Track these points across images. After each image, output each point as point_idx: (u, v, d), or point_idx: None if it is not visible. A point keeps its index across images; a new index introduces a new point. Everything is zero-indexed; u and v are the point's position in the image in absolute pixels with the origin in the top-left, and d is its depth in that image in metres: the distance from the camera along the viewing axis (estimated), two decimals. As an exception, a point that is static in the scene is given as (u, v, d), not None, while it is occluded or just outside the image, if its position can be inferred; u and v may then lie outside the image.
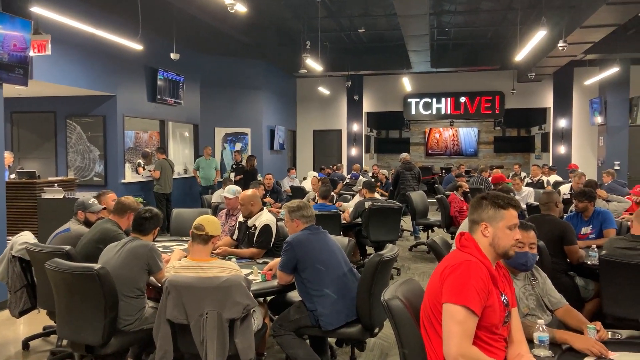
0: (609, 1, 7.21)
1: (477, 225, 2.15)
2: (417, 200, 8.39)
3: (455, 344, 1.93)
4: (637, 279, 3.17)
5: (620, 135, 13.19)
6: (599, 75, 12.84)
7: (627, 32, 10.71)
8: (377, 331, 3.33)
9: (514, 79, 14.62)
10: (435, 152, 19.62)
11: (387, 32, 11.84)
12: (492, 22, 11.42)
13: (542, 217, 4.36)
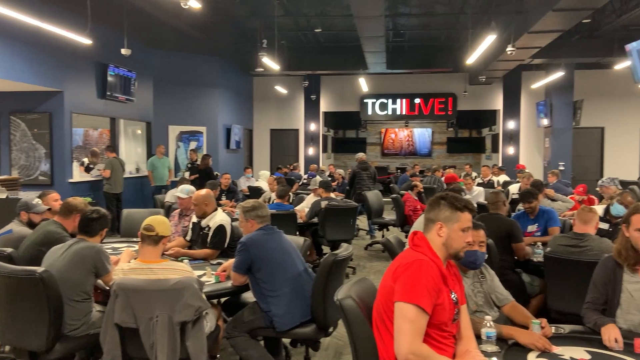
0: (555, 8, 7.51)
1: (432, 224, 2.18)
2: (373, 200, 8.49)
3: (406, 341, 1.95)
4: (580, 275, 3.30)
5: (565, 137, 13.77)
6: (545, 79, 13.38)
7: (572, 38, 11.20)
8: (331, 330, 3.35)
9: (466, 82, 15.03)
10: (391, 152, 19.91)
11: (344, 32, 11.91)
12: (445, 25, 11.69)
13: (490, 215, 4.50)
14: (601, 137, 14.88)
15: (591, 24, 10.26)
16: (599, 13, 9.55)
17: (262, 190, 8.95)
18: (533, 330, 2.41)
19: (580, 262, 3.52)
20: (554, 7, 7.49)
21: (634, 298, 2.52)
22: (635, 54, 8.71)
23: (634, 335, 2.35)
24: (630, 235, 2.57)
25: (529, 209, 5.05)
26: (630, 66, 9.06)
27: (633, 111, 14.35)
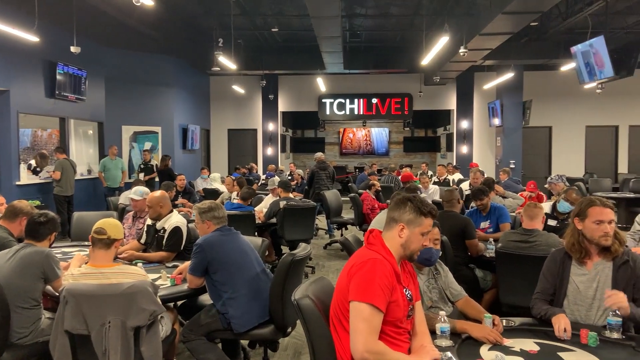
0: (505, 11, 7.76)
1: (394, 224, 2.20)
2: (332, 199, 8.54)
3: (362, 340, 1.97)
4: (529, 270, 3.43)
5: (515, 136, 14.25)
6: (496, 80, 13.80)
7: (521, 40, 11.60)
8: (290, 330, 3.34)
9: (421, 82, 15.33)
10: (349, 151, 20.07)
11: (301, 32, 11.92)
12: (400, 26, 11.88)
13: (445, 213, 4.61)
14: (549, 135, 15.50)
15: (539, 27, 10.66)
16: (546, 16, 9.93)
17: (218, 191, 8.85)
18: (485, 324, 2.48)
19: (529, 257, 3.64)
20: (503, 10, 7.74)
21: (580, 290, 2.63)
22: (579, 56, 9.12)
23: (581, 326, 2.46)
24: (585, 227, 2.62)
25: (480, 206, 5.21)
26: (575, 68, 9.49)
27: (578, 111, 15.01)
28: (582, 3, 8.71)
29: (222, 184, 9.58)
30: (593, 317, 2.59)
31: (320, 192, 8.89)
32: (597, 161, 15.26)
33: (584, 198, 2.83)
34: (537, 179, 10.45)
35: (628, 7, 9.94)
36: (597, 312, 2.58)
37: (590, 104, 14.66)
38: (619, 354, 2.22)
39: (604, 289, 2.56)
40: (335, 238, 8.86)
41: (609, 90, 10.90)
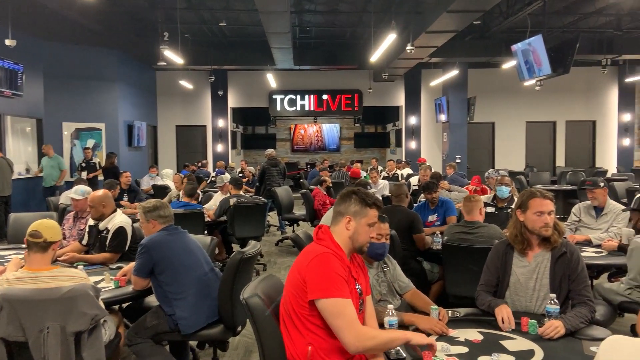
0: (449, 9, 7.96)
1: (341, 217, 2.21)
2: (283, 196, 8.51)
3: (348, 335, 1.99)
4: (472, 261, 3.53)
5: (461, 132, 14.68)
6: (442, 77, 14.15)
7: (465, 39, 11.93)
8: (240, 329, 3.30)
9: (371, 79, 15.51)
10: (300, 147, 20.07)
11: (250, 27, 11.79)
12: (349, 23, 11.97)
13: (393, 207, 4.68)
14: (492, 131, 16.07)
15: (481, 26, 11.01)
16: (488, 15, 10.26)
17: (167, 189, 8.63)
18: (432, 316, 2.54)
19: (473, 249, 3.75)
20: (448, 8, 7.94)
21: (521, 282, 2.73)
22: (520, 54, 9.49)
23: (521, 314, 2.56)
24: (527, 219, 2.71)
25: (431, 198, 5.34)
26: (515, 65, 9.86)
27: (519, 107, 15.63)
28: (522, 3, 9.05)
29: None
30: (533, 307, 2.69)
31: (271, 188, 8.84)
32: (537, 155, 15.97)
33: (525, 190, 2.94)
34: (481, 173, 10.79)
35: (565, 7, 10.44)
36: (536, 302, 2.68)
37: (530, 101, 15.30)
38: (557, 340, 2.32)
39: (543, 280, 2.67)
40: (287, 234, 8.84)
41: (547, 87, 11.42)
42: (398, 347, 2.17)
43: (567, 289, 2.62)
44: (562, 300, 2.59)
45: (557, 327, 2.34)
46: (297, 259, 2.21)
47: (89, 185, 5.94)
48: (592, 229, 4.63)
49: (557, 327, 2.34)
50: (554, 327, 2.34)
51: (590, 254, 4.08)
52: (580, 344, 2.28)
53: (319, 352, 2.06)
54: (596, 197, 4.67)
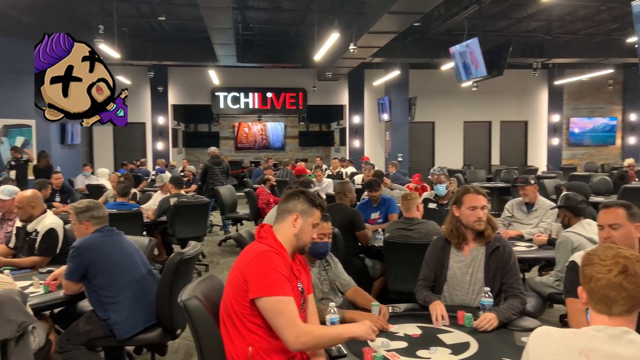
0: (390, 10, 8.11)
1: (288, 215, 2.21)
2: (226, 195, 8.38)
3: (291, 332, 1.99)
4: (412, 257, 3.61)
5: (402, 131, 15.01)
6: (384, 77, 14.42)
7: (406, 40, 12.21)
8: (179, 332, 3.22)
9: (315, 77, 15.56)
10: (244, 146, 19.84)
11: (191, 22, 11.51)
12: (293, 21, 11.95)
13: (336, 205, 4.72)
14: (432, 130, 16.56)
15: (421, 28, 11.29)
16: (428, 18, 10.54)
17: (103, 188, 8.29)
18: (372, 312, 2.57)
19: (413, 245, 3.84)
20: (389, 9, 8.08)
21: (457, 275, 2.82)
22: (457, 56, 9.82)
23: (457, 308, 2.64)
24: (462, 214, 2.80)
25: (373, 197, 5.42)
26: (454, 67, 10.20)
27: (457, 107, 16.17)
28: (459, 7, 9.35)
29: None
30: (469, 300, 2.78)
31: (214, 187, 8.68)
32: (474, 154, 16.60)
33: (461, 187, 3.04)
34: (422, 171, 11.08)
35: (499, 12, 10.89)
36: (472, 295, 2.78)
37: (467, 101, 15.86)
38: (491, 331, 2.41)
39: (478, 274, 2.77)
40: (231, 234, 8.72)
41: (483, 88, 11.88)
42: (339, 345, 2.18)
43: (500, 282, 2.73)
44: (496, 293, 2.69)
45: (491, 319, 2.43)
46: (238, 258, 2.18)
47: (18, 185, 5.61)
48: (524, 224, 4.86)
49: (491, 320, 2.43)
50: (487, 320, 2.43)
51: (522, 248, 4.28)
52: (512, 334, 2.38)
53: (259, 352, 2.04)
54: (527, 194, 4.90)
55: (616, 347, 1.40)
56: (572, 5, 10.18)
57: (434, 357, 2.13)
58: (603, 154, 17.18)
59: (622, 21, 10.92)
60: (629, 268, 1.46)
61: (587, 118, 17.10)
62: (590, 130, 17.14)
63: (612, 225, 2.56)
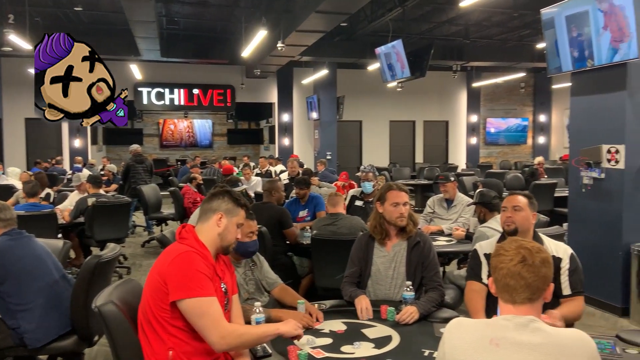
0: (318, 10, 8.17)
1: (212, 214, 2.17)
2: (149, 194, 8.10)
3: (215, 333, 1.95)
4: (338, 253, 3.66)
5: (331, 129, 15.19)
6: (313, 76, 14.52)
7: (334, 39, 12.36)
8: (97, 339, 3.06)
9: (243, 74, 15.37)
10: (170, 143, 19.23)
11: (111, 14, 10.98)
12: (220, 17, 11.72)
13: (263, 204, 4.69)
14: (359, 129, 16.89)
15: (348, 28, 11.48)
16: (354, 18, 10.73)
17: (13, 189, 7.72)
18: (298, 310, 2.58)
19: (338, 241, 3.90)
20: (316, 9, 8.14)
21: (381, 270, 2.90)
22: (383, 57, 10.08)
23: (381, 302, 2.70)
24: (385, 210, 2.88)
25: (300, 195, 5.44)
26: (379, 68, 10.46)
27: (383, 107, 16.59)
28: (384, 9, 9.60)
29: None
30: (392, 294, 2.87)
31: (136, 186, 8.35)
32: (399, 152, 17.14)
33: (384, 184, 3.13)
34: (350, 169, 11.28)
35: (421, 15, 11.29)
36: (394, 289, 2.86)
37: (393, 101, 16.31)
38: (412, 324, 2.49)
39: (400, 268, 2.86)
40: (154, 235, 8.42)
41: (407, 89, 12.28)
42: (264, 344, 2.17)
43: (421, 276, 2.83)
44: (417, 286, 2.79)
45: (412, 312, 2.52)
46: (157, 260, 2.12)
47: None
48: (444, 220, 5.08)
49: (412, 313, 2.52)
50: (409, 313, 2.51)
51: (442, 242, 4.47)
52: (432, 326, 2.48)
53: (180, 356, 1.99)
54: (447, 190, 5.13)
55: (524, 335, 1.49)
56: (487, 12, 10.75)
57: (358, 352, 2.17)
58: (516, 153, 18.33)
59: (532, 28, 11.68)
60: (528, 258, 1.56)
61: (502, 119, 18.17)
62: (504, 130, 18.23)
63: (515, 207, 2.79)
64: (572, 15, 4.87)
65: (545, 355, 1.44)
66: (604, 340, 2.28)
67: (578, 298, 2.59)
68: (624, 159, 4.58)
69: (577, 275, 2.62)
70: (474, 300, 2.62)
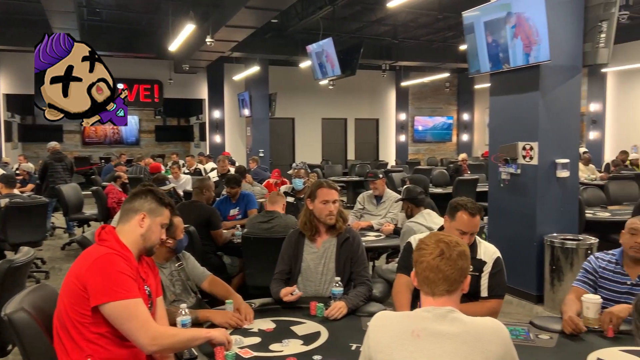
0: (247, 5, 8.07)
1: (134, 214, 2.09)
2: (70, 194, 7.68)
3: (144, 335, 1.89)
4: (269, 251, 3.64)
5: (263, 126, 15.08)
6: (244, 72, 14.35)
7: (266, 36, 12.27)
8: (10, 348, 2.87)
9: (171, 69, 14.92)
10: (93, 140, 18.30)
11: (27, 3, 10.27)
12: (145, 9, 11.28)
13: (191, 203, 4.59)
14: (292, 126, 16.91)
15: (280, 25, 11.44)
16: (285, 15, 10.71)
17: None
18: (227, 309, 2.54)
19: (270, 239, 3.88)
20: (246, 4, 8.04)
21: (311, 267, 2.91)
22: (314, 55, 10.14)
23: (310, 299, 2.72)
24: (315, 207, 2.90)
25: (232, 193, 5.36)
26: (311, 65, 10.51)
27: (316, 104, 16.71)
28: (315, 6, 9.65)
29: None
30: (322, 290, 2.89)
31: (55, 186, 7.88)
32: (332, 149, 17.34)
33: (315, 181, 3.15)
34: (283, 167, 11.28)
35: (351, 15, 11.46)
36: (324, 285, 2.89)
37: (325, 99, 16.46)
38: (340, 319, 2.53)
39: (330, 264, 2.89)
40: (76, 237, 7.98)
41: (339, 87, 12.45)
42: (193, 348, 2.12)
43: (350, 271, 2.88)
44: (346, 281, 2.83)
45: (340, 307, 2.55)
46: (75, 263, 2.01)
47: None
48: (374, 215, 5.20)
49: (341, 308, 2.55)
50: (337, 308, 2.54)
51: (372, 238, 4.57)
52: (360, 320, 2.52)
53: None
54: (377, 187, 5.25)
55: (443, 325, 1.55)
56: (414, 13, 11.09)
57: (286, 350, 2.17)
58: (442, 150, 19.10)
59: (456, 30, 12.18)
60: (446, 251, 1.63)
61: (429, 117, 18.87)
62: (431, 128, 18.95)
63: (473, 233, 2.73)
64: (489, 21, 5.13)
65: (463, 344, 1.51)
66: (519, 327, 2.43)
67: (494, 301, 2.68)
68: (538, 156, 4.89)
69: (498, 279, 2.70)
70: (401, 294, 2.67)
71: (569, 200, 5.06)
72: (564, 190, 4.99)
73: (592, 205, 6.47)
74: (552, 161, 4.92)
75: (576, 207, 5.21)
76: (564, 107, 4.96)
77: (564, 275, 4.66)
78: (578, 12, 4.87)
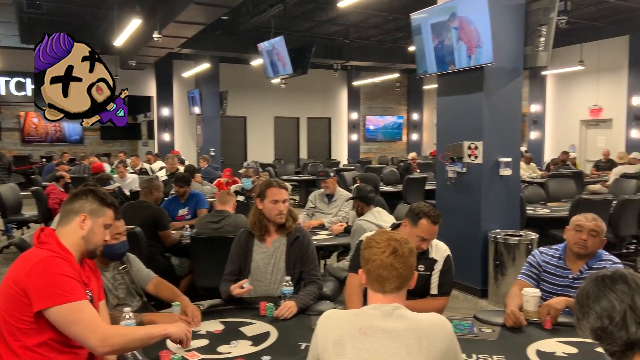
0: (197, 1, 7.91)
1: (74, 216, 2.00)
2: (8, 194, 7.35)
3: (95, 336, 1.81)
4: (219, 251, 3.58)
5: (214, 125, 14.86)
6: (194, 69, 14.07)
7: (216, 33, 12.08)
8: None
9: (117, 65, 14.43)
10: (34, 138, 17.44)
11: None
12: (89, 2, 10.85)
13: (139, 203, 4.46)
14: (244, 125, 16.74)
15: (230, 22, 11.29)
16: (236, 12, 10.58)
17: None
18: (174, 312, 2.48)
19: (220, 240, 3.82)
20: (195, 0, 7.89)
21: (260, 267, 2.89)
22: (265, 53, 10.08)
23: (260, 299, 2.70)
24: (265, 207, 2.87)
25: (180, 193, 5.25)
26: (262, 63, 10.44)
27: (268, 103, 16.63)
28: (266, 4, 9.59)
29: None
30: (272, 290, 2.87)
31: (-9, 187, 7.48)
32: (284, 148, 17.30)
33: (264, 180, 3.13)
34: (234, 165, 11.14)
35: (303, 13, 11.45)
36: (274, 285, 2.88)
37: (277, 97, 16.40)
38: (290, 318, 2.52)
39: (280, 264, 2.88)
40: (14, 239, 7.60)
41: (291, 85, 12.42)
42: (135, 351, 2.05)
43: (300, 271, 2.88)
44: (296, 281, 2.83)
45: (290, 307, 2.55)
46: (12, 267, 1.91)
47: None
48: (325, 214, 5.22)
49: (291, 307, 2.54)
50: (287, 308, 2.54)
51: (323, 236, 4.59)
52: (310, 319, 2.52)
53: (37, 372, 1.81)
54: (328, 186, 5.28)
55: (389, 322, 1.57)
56: (365, 14, 11.21)
57: (235, 351, 2.14)
58: (393, 149, 19.43)
59: (405, 31, 12.40)
60: (398, 249, 1.65)
61: (380, 116, 19.15)
62: (382, 128, 19.25)
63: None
64: (435, 24, 5.26)
65: (409, 340, 1.53)
66: (464, 321, 2.50)
67: (442, 298, 2.79)
68: (482, 155, 5.06)
69: (447, 277, 2.80)
70: (355, 297, 2.66)
71: (511, 197, 5.26)
72: (506, 188, 5.18)
73: (532, 202, 6.75)
74: (495, 160, 5.10)
75: (518, 204, 5.42)
76: (506, 108, 5.15)
77: (506, 270, 4.84)
78: (519, 17, 5.06)
